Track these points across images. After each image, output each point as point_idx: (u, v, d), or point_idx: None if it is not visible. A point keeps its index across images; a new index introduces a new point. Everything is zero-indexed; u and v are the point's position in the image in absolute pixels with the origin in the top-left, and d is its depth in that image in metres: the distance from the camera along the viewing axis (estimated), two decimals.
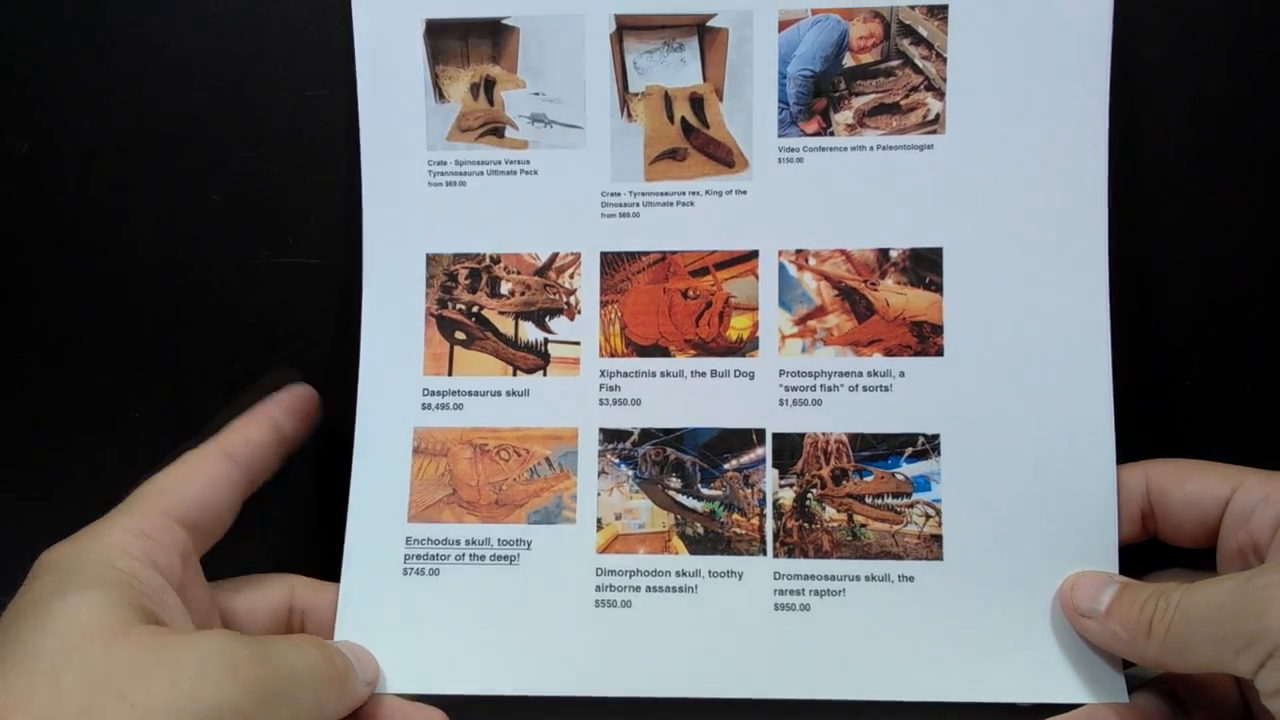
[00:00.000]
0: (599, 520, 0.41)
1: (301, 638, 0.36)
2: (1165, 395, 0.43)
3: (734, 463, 0.41)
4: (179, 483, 0.37)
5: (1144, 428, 0.41)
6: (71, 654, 0.30)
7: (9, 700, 0.29)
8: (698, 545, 0.41)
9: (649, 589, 0.40)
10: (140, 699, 0.29)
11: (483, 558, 0.41)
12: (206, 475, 0.38)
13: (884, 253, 0.41)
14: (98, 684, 0.29)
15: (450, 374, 0.42)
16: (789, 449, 0.41)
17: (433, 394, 0.42)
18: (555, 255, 0.42)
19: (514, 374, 0.42)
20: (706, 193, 0.42)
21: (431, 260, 0.42)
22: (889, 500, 0.40)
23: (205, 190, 0.44)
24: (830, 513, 0.41)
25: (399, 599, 0.40)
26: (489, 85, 0.42)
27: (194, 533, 0.37)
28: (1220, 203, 0.43)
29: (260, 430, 0.40)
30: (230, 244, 0.44)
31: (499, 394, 0.42)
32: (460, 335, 0.42)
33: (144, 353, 0.45)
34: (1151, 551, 0.40)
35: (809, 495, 0.41)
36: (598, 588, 0.40)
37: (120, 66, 0.44)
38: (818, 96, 0.41)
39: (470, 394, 0.42)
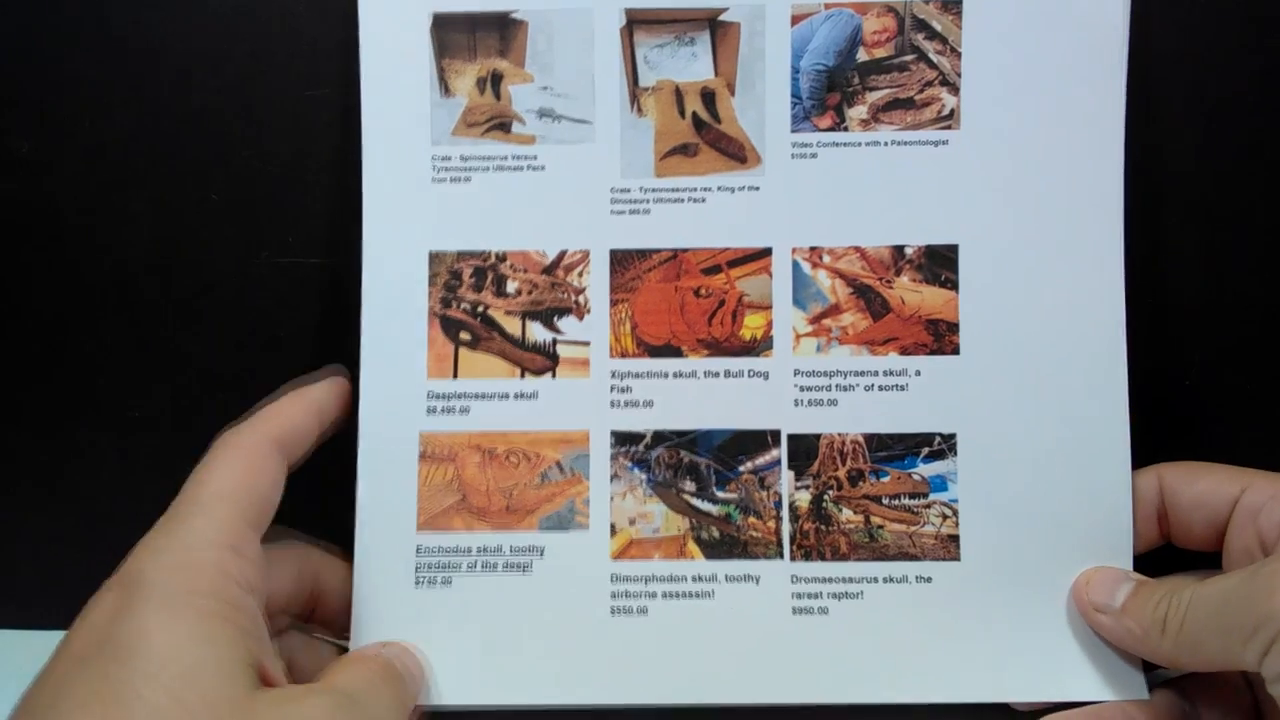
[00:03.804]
0: (613, 526, 0.37)
1: (380, 676, 0.32)
2: (1170, 396, 0.40)
3: (749, 465, 0.37)
4: (244, 484, 0.32)
5: (1150, 429, 0.37)
6: None
7: None
8: (714, 549, 0.36)
9: (665, 595, 0.36)
10: None
11: (495, 566, 0.36)
12: (265, 473, 0.33)
13: (899, 250, 0.37)
14: None
15: (455, 376, 0.37)
16: (804, 450, 0.37)
17: (438, 397, 0.37)
18: (563, 253, 0.38)
19: (522, 376, 0.37)
20: (718, 189, 0.37)
21: (434, 258, 0.38)
22: (906, 501, 0.37)
23: (205, 190, 0.41)
24: (847, 514, 0.36)
25: (412, 610, 0.36)
26: (496, 79, 0.38)
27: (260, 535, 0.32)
28: (1230, 202, 0.39)
29: (307, 418, 0.35)
30: (230, 243, 0.41)
31: (506, 396, 0.37)
32: (465, 336, 0.38)
33: (144, 352, 0.42)
34: (1162, 560, 0.37)
35: (825, 497, 0.37)
36: (613, 595, 0.36)
37: (121, 66, 0.41)
38: (831, 91, 0.37)
39: (477, 397, 0.37)
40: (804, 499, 0.37)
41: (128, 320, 0.42)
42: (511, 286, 0.38)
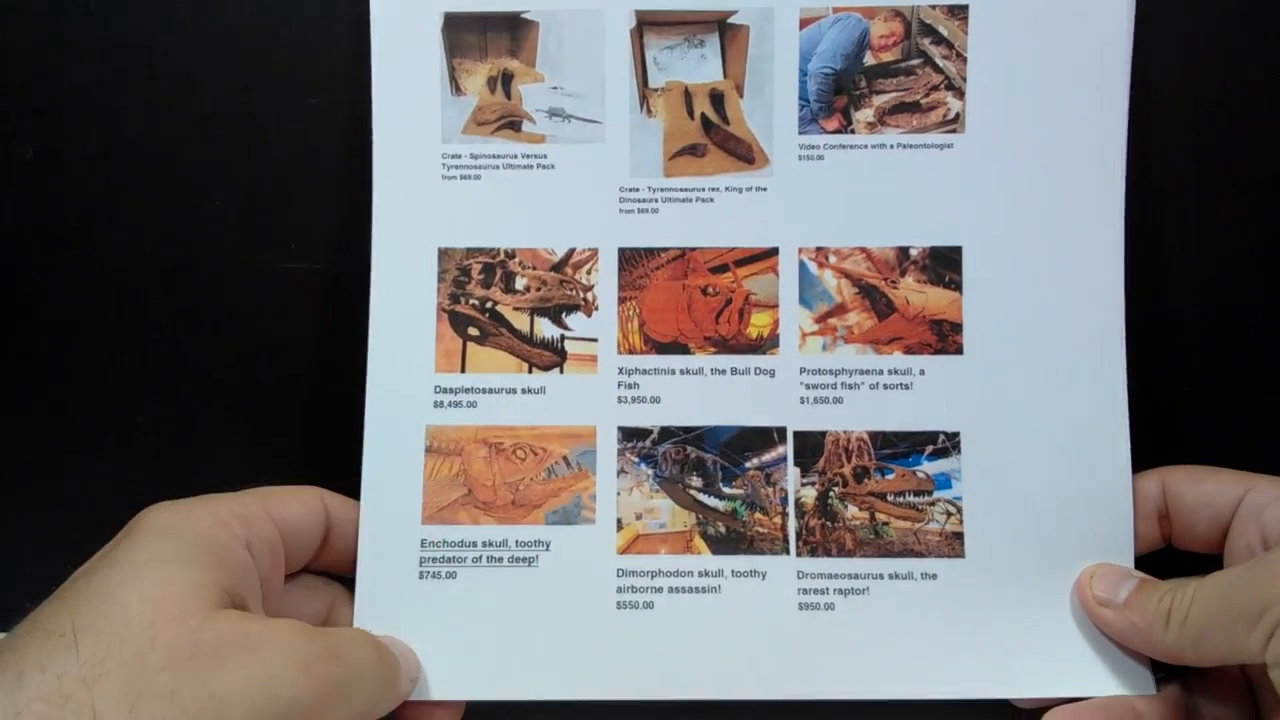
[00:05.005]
0: (619, 520, 0.36)
1: (357, 633, 0.33)
2: (1174, 401, 0.40)
3: (755, 461, 0.36)
4: (278, 497, 0.34)
5: (1154, 434, 0.37)
6: (161, 629, 0.28)
7: (98, 664, 0.27)
8: (720, 545, 0.36)
9: (671, 590, 0.35)
10: (219, 687, 0.28)
11: (500, 560, 0.36)
12: (303, 504, 0.35)
13: (904, 251, 0.37)
14: (183, 666, 0.28)
15: (463, 371, 0.37)
16: (810, 447, 0.36)
17: (445, 391, 0.37)
18: (572, 251, 0.37)
19: (529, 371, 0.37)
20: (726, 189, 0.37)
21: (444, 254, 0.37)
22: (910, 498, 0.36)
23: (208, 196, 0.41)
24: (853, 511, 0.36)
25: (416, 603, 0.35)
26: (506, 79, 0.37)
27: (285, 545, 0.34)
28: (1234, 207, 0.39)
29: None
30: (233, 249, 0.41)
31: (514, 391, 0.37)
32: (473, 331, 0.37)
33: (147, 357, 0.41)
34: (1162, 569, 0.36)
35: (831, 494, 0.36)
36: (619, 589, 0.35)
37: (124, 72, 0.41)
38: (838, 94, 0.37)
39: (484, 391, 0.37)
40: (810, 495, 0.36)
41: (131, 326, 0.41)
42: (520, 283, 0.37)
